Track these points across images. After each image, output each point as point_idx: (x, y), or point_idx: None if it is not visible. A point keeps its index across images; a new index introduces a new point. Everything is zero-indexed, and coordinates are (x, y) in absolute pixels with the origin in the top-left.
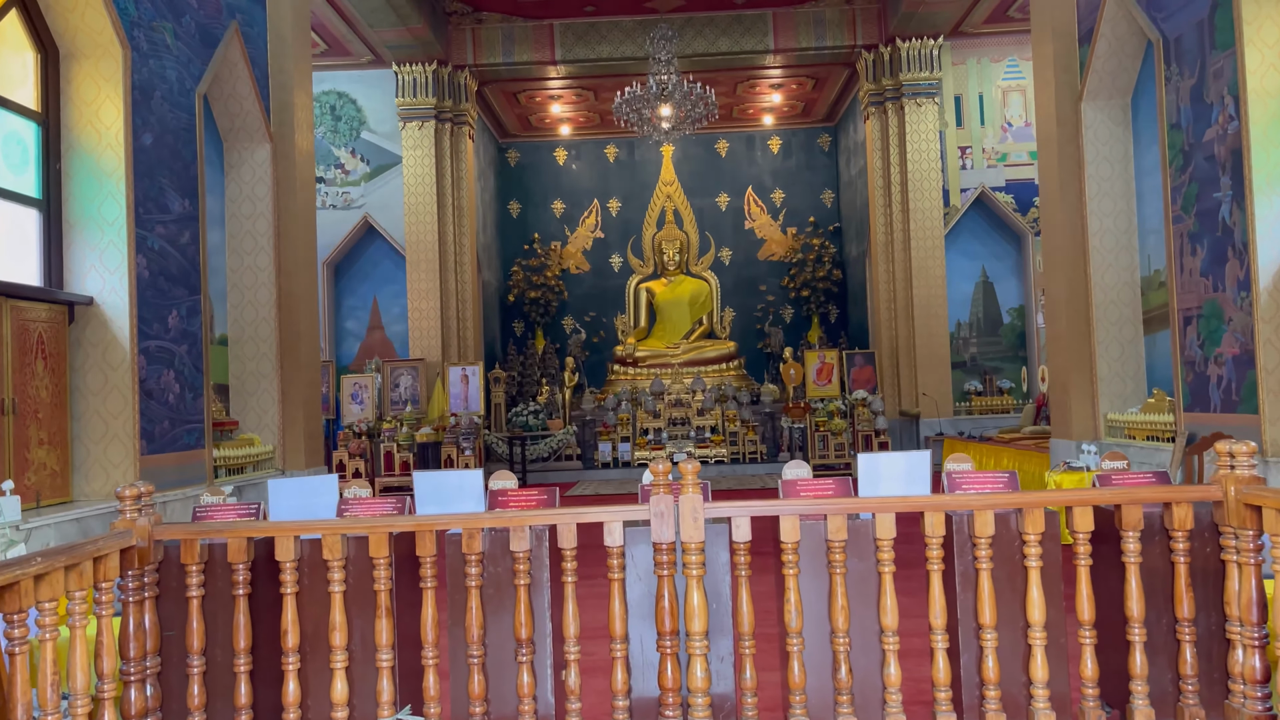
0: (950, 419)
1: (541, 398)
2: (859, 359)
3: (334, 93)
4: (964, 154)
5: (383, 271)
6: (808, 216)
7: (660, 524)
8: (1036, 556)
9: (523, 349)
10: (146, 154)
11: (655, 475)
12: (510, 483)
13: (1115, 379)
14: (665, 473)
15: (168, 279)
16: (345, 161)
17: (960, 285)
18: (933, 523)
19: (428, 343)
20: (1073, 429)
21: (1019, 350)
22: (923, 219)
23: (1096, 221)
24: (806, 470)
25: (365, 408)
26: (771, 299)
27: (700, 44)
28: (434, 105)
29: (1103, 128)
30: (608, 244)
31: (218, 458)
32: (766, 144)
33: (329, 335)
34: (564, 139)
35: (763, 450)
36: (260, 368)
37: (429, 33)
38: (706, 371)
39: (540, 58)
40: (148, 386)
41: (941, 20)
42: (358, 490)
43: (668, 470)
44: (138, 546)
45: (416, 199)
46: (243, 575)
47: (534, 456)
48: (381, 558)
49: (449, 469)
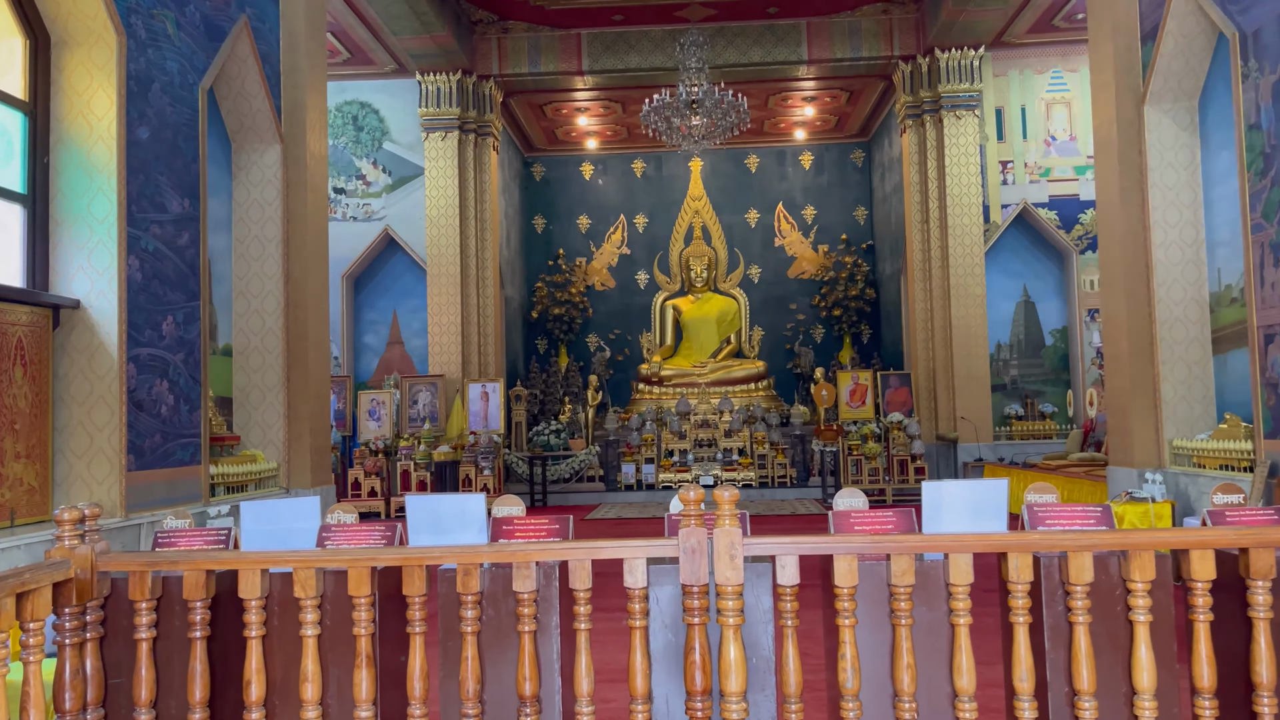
0: (990, 444)
1: (564, 417)
2: (894, 380)
3: (356, 102)
4: (1005, 169)
5: (403, 285)
6: (840, 234)
7: (691, 562)
8: (1145, 609)
9: (545, 366)
10: (142, 149)
11: (685, 504)
12: (516, 509)
13: (1181, 403)
14: (697, 501)
15: (163, 283)
16: (367, 173)
17: (1000, 305)
18: (1018, 566)
19: (448, 359)
20: (1134, 456)
21: (1062, 373)
22: (962, 235)
23: (1161, 233)
24: (861, 500)
25: (383, 424)
26: (802, 318)
27: (731, 54)
28: (458, 116)
29: (1167, 132)
30: (634, 260)
31: (215, 475)
32: (798, 159)
33: (347, 350)
34: (590, 153)
35: (792, 474)
36: (266, 380)
37: (453, 41)
38: (734, 391)
39: (567, 68)
40: (137, 397)
41: (983, 30)
42: (342, 515)
43: (700, 498)
44: (77, 579)
45: (439, 211)
46: (200, 615)
47: (555, 477)
48: (363, 596)
49: (466, 489)
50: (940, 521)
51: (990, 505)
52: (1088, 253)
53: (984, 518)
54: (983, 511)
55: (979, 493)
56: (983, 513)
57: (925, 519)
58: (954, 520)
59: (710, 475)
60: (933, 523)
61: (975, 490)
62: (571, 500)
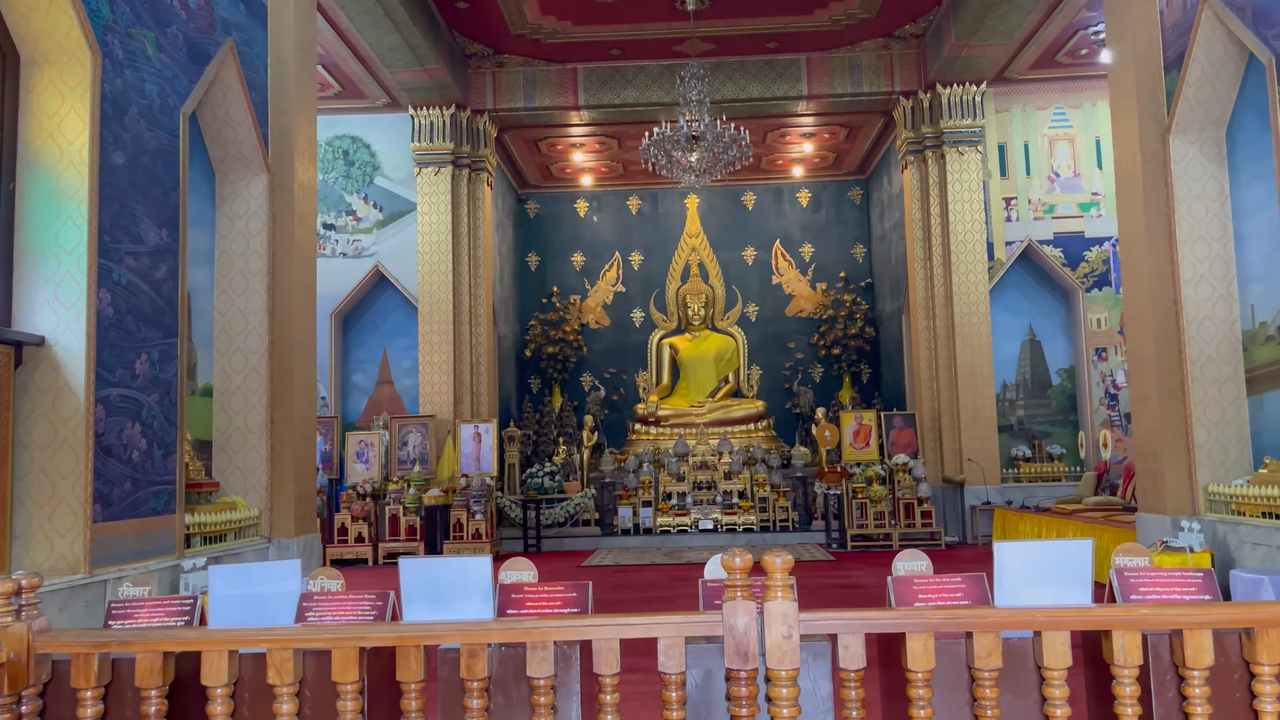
0: (997, 486)
1: (558, 458)
2: (898, 421)
3: (347, 137)
4: (1009, 205)
5: (394, 323)
6: (838, 272)
7: (737, 641)
8: (1274, 697)
9: (539, 406)
10: (117, 175)
11: (730, 571)
12: (527, 574)
13: (1215, 446)
14: (743, 569)
15: (137, 319)
16: (357, 208)
17: (1005, 344)
18: (1125, 646)
19: (439, 398)
20: (1166, 503)
21: (1069, 413)
22: (966, 273)
23: (1190, 268)
24: (924, 563)
25: (371, 467)
26: (801, 357)
27: (730, 89)
28: (451, 150)
29: (1194, 163)
30: (629, 298)
31: (192, 524)
32: (795, 196)
33: (335, 389)
34: (585, 190)
35: (794, 518)
36: (248, 422)
37: (447, 75)
38: (733, 432)
39: (563, 102)
40: (106, 442)
41: (985, 65)
42: (326, 582)
43: (747, 566)
44: (10, 662)
45: (431, 248)
46: (156, 705)
47: (549, 521)
48: (349, 683)
49: (457, 534)
50: (1016, 588)
51: (1072, 569)
52: (1094, 290)
53: (1066, 583)
54: (1065, 576)
55: (1059, 554)
56: (1065, 577)
57: (998, 585)
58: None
59: (710, 519)
60: (1007, 589)
61: (1055, 552)
62: (566, 545)
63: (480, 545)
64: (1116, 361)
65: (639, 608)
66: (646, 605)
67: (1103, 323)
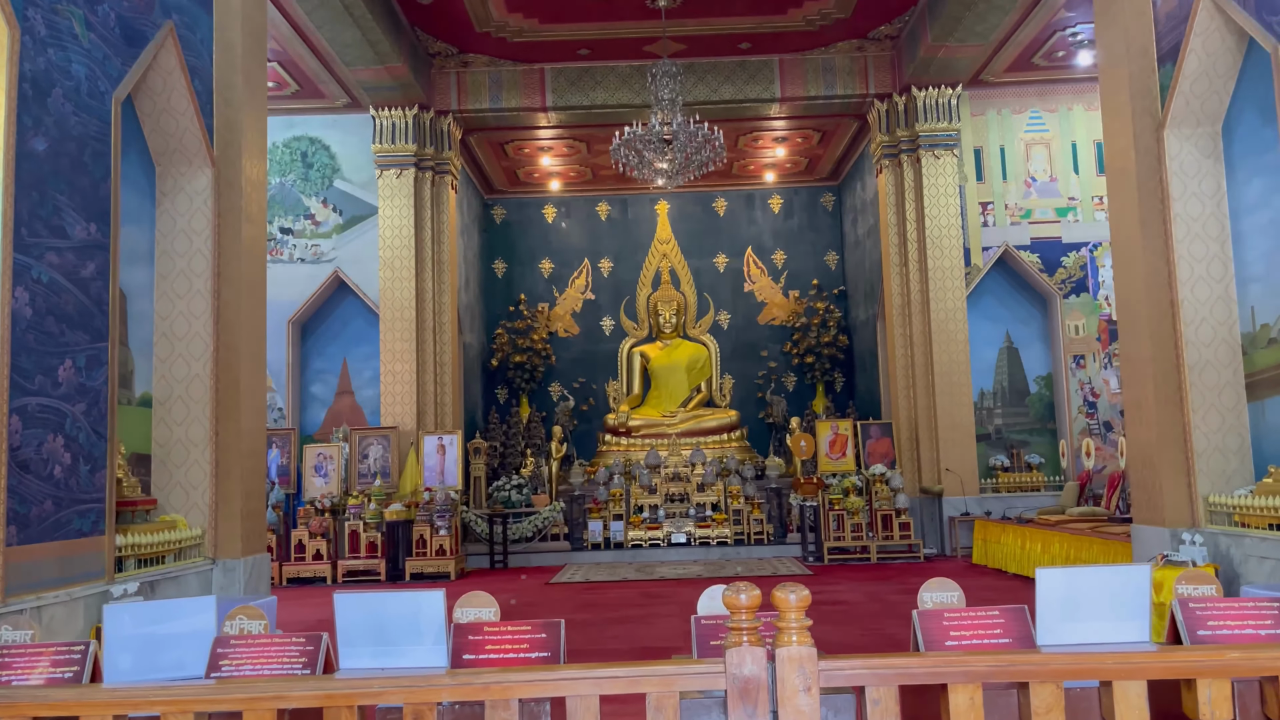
0: (976, 496)
1: (526, 470)
2: (875, 430)
3: (305, 138)
4: (985, 210)
5: (354, 331)
6: (810, 279)
7: (745, 696)
8: None
9: (506, 417)
10: (36, 163)
11: (733, 610)
12: (487, 610)
13: (1215, 454)
14: (750, 607)
15: (60, 320)
16: (316, 212)
17: (982, 351)
18: (1212, 698)
19: (401, 409)
20: (1165, 515)
21: (1047, 422)
22: (943, 279)
23: (1187, 268)
24: (955, 594)
25: (330, 481)
26: (774, 365)
27: (702, 91)
28: (414, 152)
29: (1189, 159)
30: (598, 306)
31: (124, 546)
32: (767, 203)
33: (293, 400)
34: (553, 195)
35: (769, 531)
36: (190, 434)
37: (409, 74)
38: (706, 443)
39: (530, 104)
40: (22, 456)
41: (961, 67)
42: (246, 623)
43: (754, 604)
44: None
45: (393, 253)
46: None
47: (516, 536)
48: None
49: (420, 551)
50: (1062, 622)
51: (1128, 599)
52: (1071, 296)
53: (1121, 615)
54: (1119, 607)
55: (1111, 582)
56: (1119, 609)
57: (1041, 619)
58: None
59: (683, 532)
60: (1052, 624)
61: (1106, 579)
62: (534, 561)
63: (444, 562)
64: (1095, 369)
65: (612, 629)
66: (620, 626)
67: (1081, 329)
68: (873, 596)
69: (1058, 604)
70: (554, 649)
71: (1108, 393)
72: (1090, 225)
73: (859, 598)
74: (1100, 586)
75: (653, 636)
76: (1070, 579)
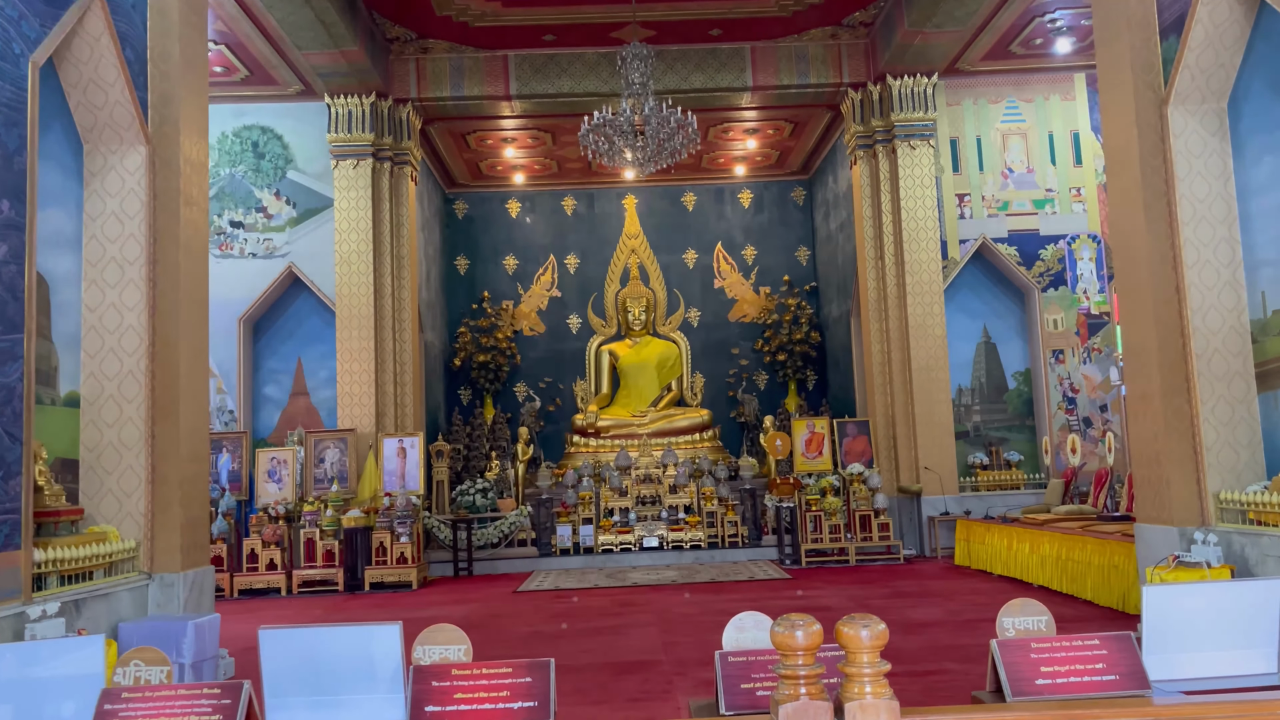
0: (955, 495)
1: (491, 474)
2: (851, 428)
3: (257, 127)
4: (962, 202)
5: (309, 329)
6: (781, 275)
7: None
8: None
9: (469, 419)
10: None
11: (786, 651)
12: (457, 648)
13: (1225, 448)
14: (809, 649)
15: None
16: (268, 204)
17: (960, 346)
18: None
19: (359, 411)
20: (1173, 513)
21: (1026, 418)
22: (920, 272)
23: (1193, 252)
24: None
25: (284, 486)
26: (745, 363)
27: (672, 79)
28: (372, 142)
29: (1195, 137)
30: (565, 303)
31: (45, 561)
32: (736, 197)
33: (244, 402)
34: (517, 189)
35: (744, 533)
36: (124, 437)
37: (366, 60)
38: (678, 443)
39: (493, 92)
40: None
41: (937, 55)
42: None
43: (814, 643)
44: None
45: (350, 248)
46: None
47: (481, 542)
48: None
49: (380, 559)
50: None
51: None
52: (1049, 290)
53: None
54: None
55: (1237, 601)
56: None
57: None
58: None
59: (655, 536)
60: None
61: (1231, 598)
62: (501, 568)
63: (406, 571)
64: (1074, 364)
65: (585, 641)
66: (593, 638)
67: (1059, 324)
68: (858, 601)
69: (1169, 630)
70: (542, 697)
71: (1087, 388)
72: (1068, 217)
73: (843, 602)
74: (1222, 607)
75: (628, 649)
76: (1187, 601)
